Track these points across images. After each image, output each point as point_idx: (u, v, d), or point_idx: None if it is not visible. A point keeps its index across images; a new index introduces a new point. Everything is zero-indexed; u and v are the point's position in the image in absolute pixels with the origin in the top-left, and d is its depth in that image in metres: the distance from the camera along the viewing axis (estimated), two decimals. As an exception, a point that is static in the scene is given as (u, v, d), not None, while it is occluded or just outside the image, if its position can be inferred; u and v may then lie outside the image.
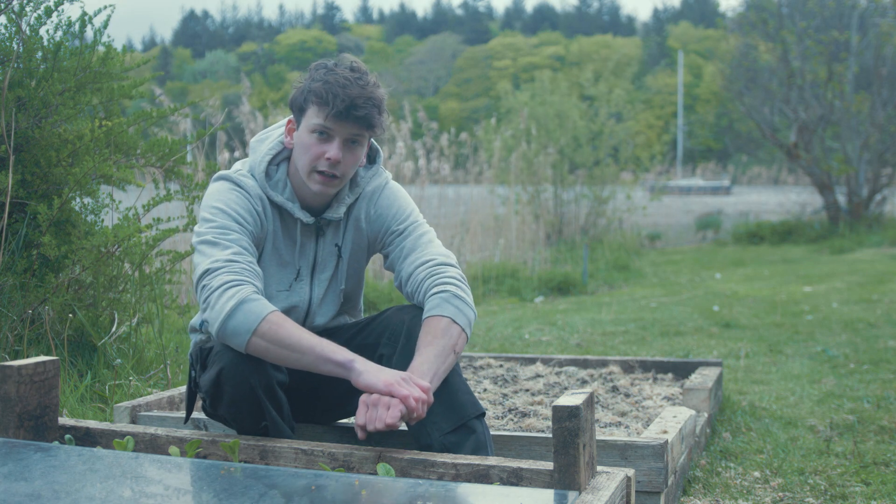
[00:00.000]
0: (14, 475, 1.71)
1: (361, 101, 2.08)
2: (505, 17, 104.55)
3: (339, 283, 2.31)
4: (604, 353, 4.90)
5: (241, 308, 1.94)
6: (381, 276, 7.57)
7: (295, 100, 2.17)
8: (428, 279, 2.15)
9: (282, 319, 1.97)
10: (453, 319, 2.08)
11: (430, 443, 2.04)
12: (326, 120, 2.09)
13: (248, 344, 1.95)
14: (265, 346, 1.95)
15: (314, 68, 2.16)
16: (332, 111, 2.07)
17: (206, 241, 2.06)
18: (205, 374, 2.08)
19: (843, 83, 14.66)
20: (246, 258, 2.05)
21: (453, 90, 69.94)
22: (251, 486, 1.65)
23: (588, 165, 12.57)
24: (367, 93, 2.09)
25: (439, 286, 2.13)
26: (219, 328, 1.97)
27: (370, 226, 2.30)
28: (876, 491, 2.58)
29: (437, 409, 2.04)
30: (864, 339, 5.27)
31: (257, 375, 2.01)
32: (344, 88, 2.07)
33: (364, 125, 2.11)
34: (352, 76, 2.10)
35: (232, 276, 1.99)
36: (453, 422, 2.04)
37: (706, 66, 51.65)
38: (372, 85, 2.12)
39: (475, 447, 2.04)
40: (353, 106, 2.07)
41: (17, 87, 3.48)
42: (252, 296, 1.97)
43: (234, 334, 1.95)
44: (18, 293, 3.36)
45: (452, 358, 2.06)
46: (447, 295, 2.11)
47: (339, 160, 2.12)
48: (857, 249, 12.40)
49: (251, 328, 1.94)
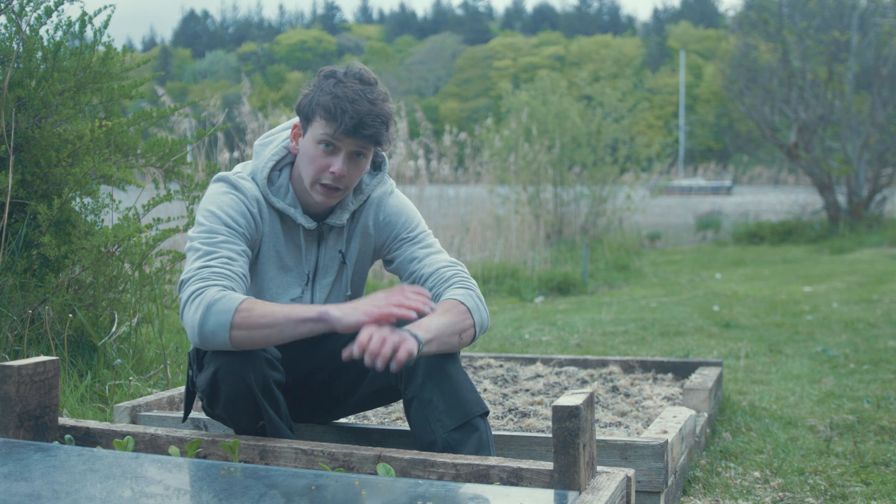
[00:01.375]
0: (14, 475, 1.71)
1: (370, 120, 2.08)
2: (505, 17, 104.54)
3: (344, 290, 2.31)
4: (604, 353, 4.90)
5: (210, 310, 1.93)
6: (381, 277, 7.57)
7: (302, 107, 2.16)
8: (454, 277, 2.19)
9: (252, 304, 1.95)
10: (470, 310, 2.10)
11: (433, 439, 2.04)
12: (334, 135, 2.09)
13: (231, 339, 1.94)
14: (246, 334, 1.94)
15: (323, 77, 2.15)
16: (340, 128, 2.07)
17: (190, 248, 2.08)
18: (201, 375, 2.08)
19: (844, 83, 14.66)
20: (220, 261, 2.03)
21: (453, 90, 69.93)
22: (251, 486, 1.65)
23: (587, 165, 12.57)
24: (377, 110, 2.09)
25: (464, 286, 2.16)
26: (197, 337, 1.96)
27: (378, 232, 2.30)
28: (876, 491, 2.58)
29: (441, 406, 2.04)
30: (864, 339, 5.27)
31: (253, 374, 2.00)
32: (353, 104, 2.06)
33: (371, 142, 2.12)
34: (361, 90, 2.09)
35: (197, 285, 1.98)
36: (457, 419, 2.04)
37: (706, 66, 51.66)
38: (381, 100, 2.11)
39: (478, 446, 2.04)
40: (361, 124, 2.07)
41: (17, 87, 3.48)
42: (216, 295, 1.95)
43: (212, 336, 1.94)
44: (18, 293, 3.36)
45: (456, 340, 2.06)
46: (472, 293, 2.15)
47: (343, 175, 2.12)
48: (857, 249, 12.41)
49: (226, 325, 1.93)
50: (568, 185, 12.42)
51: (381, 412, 3.08)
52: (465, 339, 2.09)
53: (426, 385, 2.06)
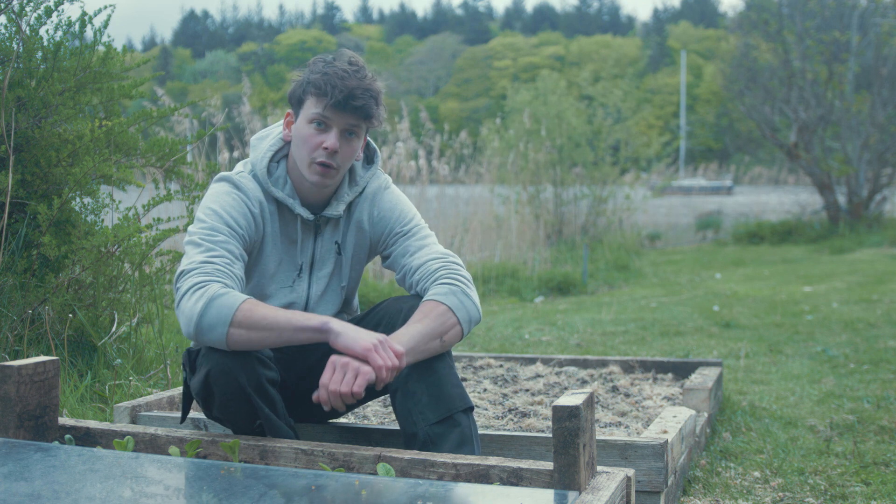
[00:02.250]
0: (14, 475, 1.71)
1: (359, 92, 2.12)
2: (505, 17, 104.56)
3: (340, 280, 2.32)
4: (604, 353, 4.90)
5: (213, 304, 1.93)
6: (381, 276, 7.57)
7: (293, 93, 2.20)
8: (441, 270, 2.17)
9: (254, 304, 1.96)
10: (451, 309, 2.08)
11: (414, 431, 2.05)
12: (325, 110, 2.12)
13: (228, 336, 1.94)
14: (244, 333, 1.94)
15: (313, 62, 2.20)
16: (331, 101, 2.10)
17: (191, 241, 2.08)
18: (194, 378, 2.08)
19: (844, 83, 14.66)
20: (223, 260, 2.04)
21: (453, 90, 69.94)
22: (251, 486, 1.65)
23: (587, 165, 12.57)
24: (366, 84, 2.13)
25: (449, 279, 2.14)
26: (194, 328, 1.95)
27: (373, 227, 2.31)
28: (876, 491, 2.58)
29: (424, 399, 2.04)
30: (864, 339, 5.27)
31: (245, 374, 2.00)
32: (342, 80, 2.11)
33: (362, 115, 2.14)
34: (350, 69, 2.14)
35: (201, 278, 1.98)
36: (440, 413, 2.04)
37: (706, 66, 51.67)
38: (370, 78, 2.16)
39: (460, 441, 2.03)
40: (350, 96, 2.11)
41: (17, 87, 3.48)
42: (220, 290, 1.95)
43: (209, 330, 1.94)
44: (18, 293, 3.36)
45: (437, 344, 2.05)
46: (455, 288, 2.12)
47: (336, 149, 2.14)
48: (857, 249, 12.40)
49: (227, 320, 1.92)
50: (568, 185, 12.42)
51: (381, 412, 3.08)
52: (449, 340, 2.08)
53: (411, 377, 2.07)
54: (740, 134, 20.71)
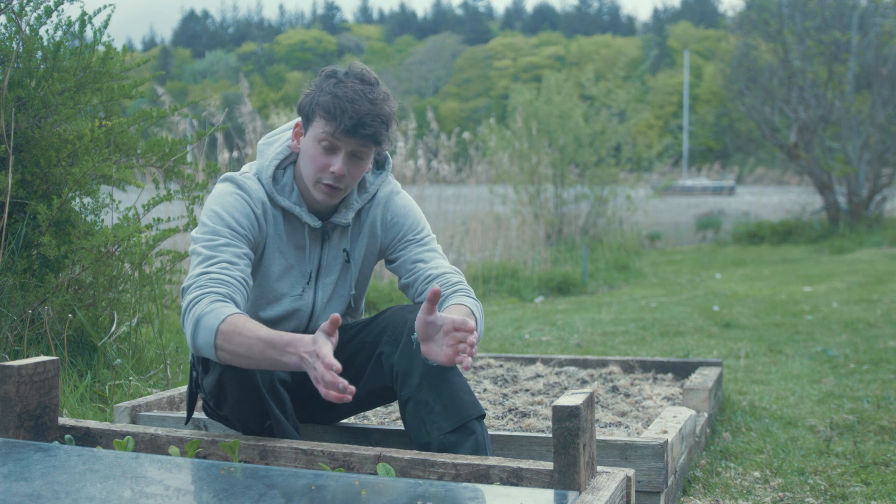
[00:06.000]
0: (14, 475, 1.71)
1: (369, 120, 2.07)
2: (505, 17, 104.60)
3: (348, 289, 2.31)
4: (604, 353, 4.90)
5: (198, 326, 1.94)
6: (381, 276, 7.57)
7: (303, 107, 2.16)
8: (459, 285, 2.21)
9: (231, 327, 1.91)
10: (477, 321, 2.12)
11: (429, 440, 2.04)
12: (333, 134, 2.09)
13: (219, 358, 1.95)
14: (228, 357, 1.94)
15: (324, 76, 2.14)
16: (340, 127, 2.07)
17: (193, 251, 2.09)
18: (207, 377, 2.09)
19: (844, 83, 14.67)
20: (220, 266, 2.03)
21: (453, 90, 69.96)
22: (251, 486, 1.65)
23: (589, 165, 12.57)
24: (376, 110, 2.08)
25: (469, 296, 2.19)
26: (192, 349, 2.00)
27: (385, 232, 2.31)
28: (876, 491, 2.58)
29: (437, 408, 2.04)
30: (864, 339, 5.27)
31: (259, 374, 2.02)
32: (353, 104, 2.06)
33: (371, 142, 2.11)
34: (361, 90, 2.08)
35: (195, 294, 1.98)
36: (454, 421, 2.04)
37: (706, 66, 51.64)
38: (381, 100, 2.10)
39: (474, 448, 2.03)
40: (360, 124, 2.07)
41: (17, 87, 3.48)
42: (205, 308, 1.94)
43: (203, 351, 1.96)
44: (18, 293, 3.36)
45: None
46: (478, 305, 2.19)
47: (343, 174, 2.12)
48: (857, 249, 12.40)
49: (211, 343, 1.93)
50: (568, 185, 12.41)
51: (381, 412, 3.08)
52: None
53: (423, 387, 2.06)
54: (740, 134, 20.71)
